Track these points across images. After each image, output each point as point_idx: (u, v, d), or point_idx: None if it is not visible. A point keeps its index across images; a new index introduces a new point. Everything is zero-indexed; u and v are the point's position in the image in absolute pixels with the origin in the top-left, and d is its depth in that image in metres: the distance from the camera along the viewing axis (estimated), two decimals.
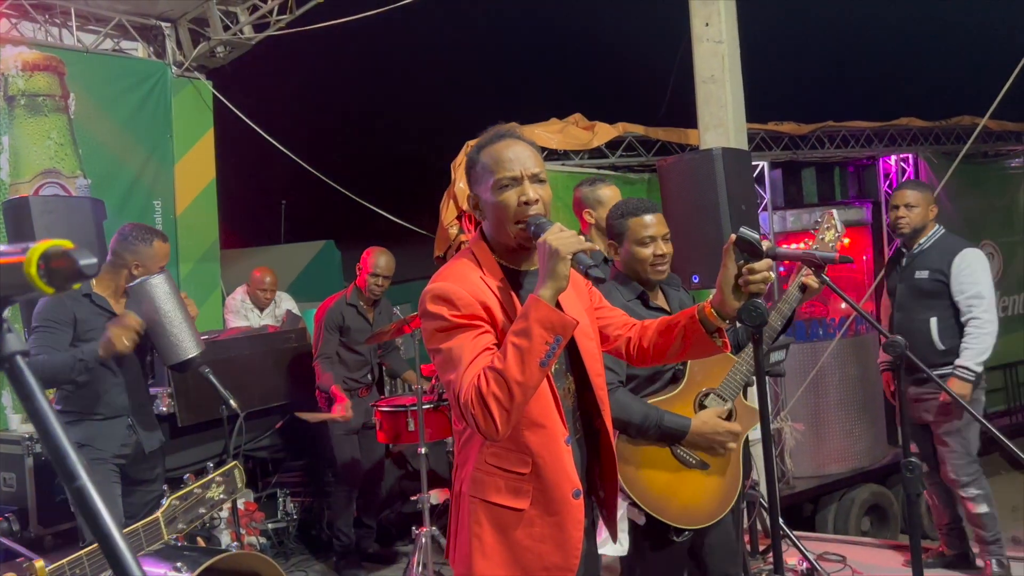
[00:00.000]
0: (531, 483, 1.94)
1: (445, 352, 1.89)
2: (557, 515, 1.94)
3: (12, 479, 4.72)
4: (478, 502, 1.97)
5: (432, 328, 1.93)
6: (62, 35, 6.44)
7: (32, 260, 0.73)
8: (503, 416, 1.79)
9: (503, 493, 1.95)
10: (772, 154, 7.29)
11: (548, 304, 1.82)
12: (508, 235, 1.97)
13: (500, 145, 2.01)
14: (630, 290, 2.88)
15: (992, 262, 8.92)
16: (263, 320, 6.48)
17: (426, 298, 1.94)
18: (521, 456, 1.94)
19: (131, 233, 3.61)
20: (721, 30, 5.41)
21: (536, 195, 1.95)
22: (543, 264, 1.85)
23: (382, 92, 13.62)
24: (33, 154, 6.09)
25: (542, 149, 6.52)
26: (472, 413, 1.80)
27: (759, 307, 1.96)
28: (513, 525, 1.95)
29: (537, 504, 1.94)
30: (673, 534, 2.73)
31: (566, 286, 1.86)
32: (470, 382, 1.82)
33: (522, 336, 1.80)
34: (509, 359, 1.79)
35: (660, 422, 2.72)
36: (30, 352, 3.40)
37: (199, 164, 7.12)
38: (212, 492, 2.18)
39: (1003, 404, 8.87)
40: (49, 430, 0.76)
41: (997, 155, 9.14)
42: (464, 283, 1.93)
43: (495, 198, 1.96)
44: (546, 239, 1.84)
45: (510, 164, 1.96)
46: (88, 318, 3.54)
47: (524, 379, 1.78)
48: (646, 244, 2.83)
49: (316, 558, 5.35)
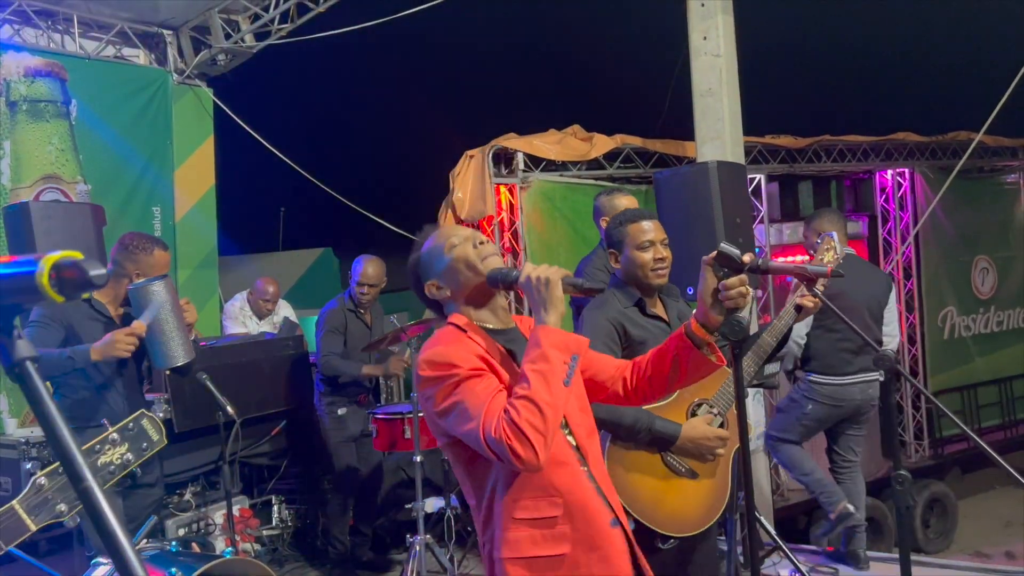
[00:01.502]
0: (566, 524, 1.91)
1: (457, 406, 1.87)
2: (600, 549, 1.92)
3: (8, 483, 4.72)
4: (519, 563, 1.92)
5: (434, 392, 1.91)
6: (64, 41, 6.48)
7: (45, 270, 0.76)
8: (540, 441, 1.77)
9: (540, 545, 1.91)
10: (769, 167, 7.33)
11: (556, 328, 1.85)
12: (480, 280, 2.00)
13: (438, 231, 2.12)
14: (628, 297, 2.91)
15: (987, 277, 8.97)
16: (261, 327, 6.50)
17: (421, 367, 1.93)
18: (551, 499, 1.91)
19: (132, 242, 3.65)
20: (719, 44, 5.46)
21: (484, 238, 2.05)
22: (536, 298, 1.89)
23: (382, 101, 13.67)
24: (34, 159, 6.11)
25: (540, 160, 6.57)
26: (509, 445, 1.76)
27: (740, 322, 1.99)
28: (560, 572, 1.91)
29: (578, 545, 1.91)
30: (659, 541, 2.75)
31: (564, 310, 1.89)
32: (498, 417, 1.80)
33: (540, 361, 1.82)
34: (534, 383, 1.79)
35: (651, 426, 2.74)
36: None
37: (199, 171, 7.15)
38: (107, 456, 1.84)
39: (998, 419, 8.90)
40: (57, 433, 0.79)
41: (993, 170, 9.20)
42: (455, 344, 1.94)
43: (452, 256, 2.02)
44: (529, 275, 1.90)
45: (454, 230, 2.09)
46: (85, 322, 3.57)
47: (553, 399, 1.79)
48: (645, 248, 2.87)
49: (311, 565, 5.35)
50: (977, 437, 2.58)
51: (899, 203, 8.27)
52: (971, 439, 2.54)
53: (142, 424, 1.91)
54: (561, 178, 6.75)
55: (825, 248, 3.08)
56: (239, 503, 5.11)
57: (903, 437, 8.22)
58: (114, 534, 0.73)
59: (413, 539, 4.43)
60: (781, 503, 6.69)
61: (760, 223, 7.09)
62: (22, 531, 1.69)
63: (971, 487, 8.23)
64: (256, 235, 12.71)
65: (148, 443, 1.89)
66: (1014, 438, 8.85)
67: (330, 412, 5.09)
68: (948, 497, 7.56)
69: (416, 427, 4.43)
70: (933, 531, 7.42)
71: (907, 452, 8.20)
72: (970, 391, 8.65)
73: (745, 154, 5.88)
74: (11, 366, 0.80)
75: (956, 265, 8.68)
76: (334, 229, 11.16)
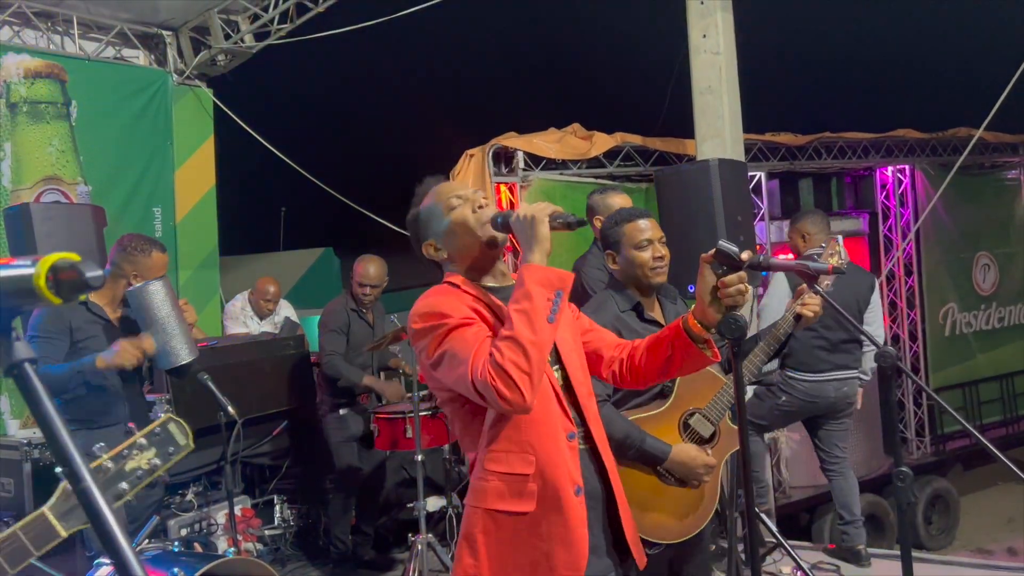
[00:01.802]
0: (535, 482, 1.92)
1: (447, 353, 1.88)
2: (560, 512, 1.92)
3: (10, 484, 4.72)
4: (481, 511, 1.96)
5: (426, 343, 1.92)
6: (64, 43, 6.48)
7: (41, 272, 0.76)
8: (525, 380, 1.77)
9: (506, 499, 1.94)
10: (769, 164, 7.33)
11: (540, 265, 1.85)
12: (478, 243, 2.00)
13: (436, 188, 2.09)
14: (625, 300, 2.88)
15: (988, 273, 8.96)
16: (262, 327, 6.50)
17: (412, 319, 1.94)
18: (524, 456, 1.93)
19: (129, 244, 3.65)
20: (718, 42, 5.46)
21: (486, 200, 2.02)
22: (524, 237, 1.89)
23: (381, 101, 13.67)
24: (35, 161, 6.12)
25: (540, 158, 6.57)
26: (494, 387, 1.77)
27: (737, 320, 1.99)
28: (520, 529, 1.93)
29: (542, 503, 1.92)
30: (645, 547, 2.75)
31: (550, 248, 1.88)
32: (482, 360, 1.80)
33: (524, 300, 1.82)
34: (517, 323, 1.80)
35: (641, 444, 2.72)
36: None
37: (199, 171, 7.16)
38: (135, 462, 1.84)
39: (999, 415, 8.91)
40: (56, 434, 0.79)
41: (993, 166, 9.19)
42: (447, 297, 1.96)
43: (451, 218, 2.01)
44: (518, 214, 1.91)
45: (453, 189, 2.06)
46: (84, 325, 3.57)
47: (536, 337, 1.79)
48: (644, 248, 2.84)
49: (313, 565, 5.35)
50: (978, 433, 2.58)
51: (900, 200, 8.27)
52: (973, 435, 2.54)
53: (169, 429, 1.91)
54: (561, 177, 6.75)
55: (829, 252, 3.06)
56: (241, 503, 5.11)
57: (905, 434, 8.22)
58: (113, 535, 0.73)
59: (415, 538, 4.43)
60: (783, 500, 6.69)
61: (761, 220, 7.08)
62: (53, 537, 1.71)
63: (973, 483, 8.23)
64: (257, 235, 12.72)
65: (175, 447, 1.90)
66: (1015, 434, 8.85)
67: (331, 412, 5.09)
68: (950, 494, 7.56)
69: (417, 426, 4.43)
70: (935, 528, 7.42)
71: (909, 449, 8.20)
72: (972, 387, 8.65)
73: (745, 152, 5.88)
74: (9, 368, 0.80)
75: (957, 261, 8.68)
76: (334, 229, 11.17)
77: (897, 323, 8.32)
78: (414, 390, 4.44)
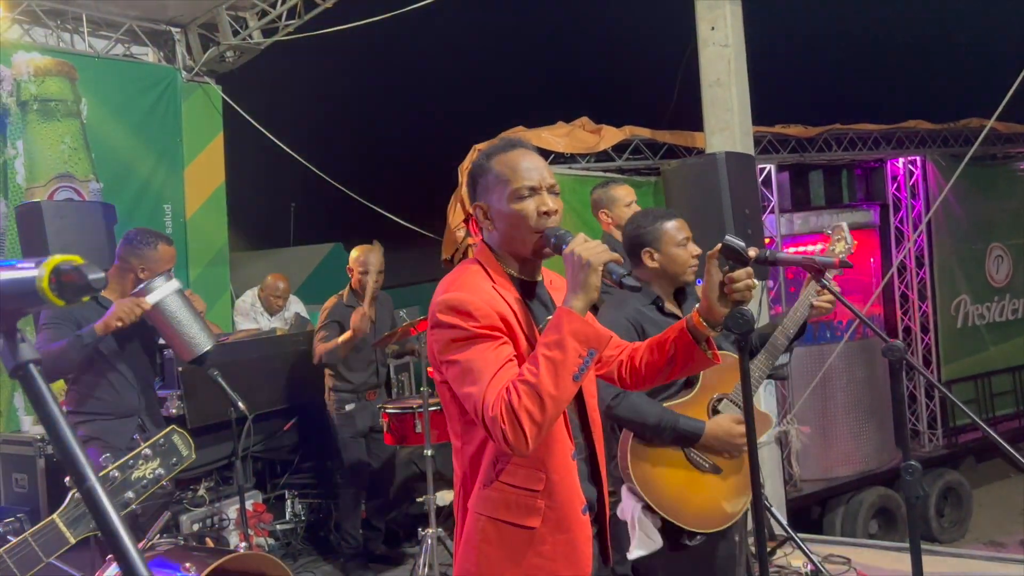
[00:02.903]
0: (543, 500, 1.89)
1: (463, 364, 1.82)
2: (568, 532, 1.91)
3: (24, 480, 4.77)
4: (486, 519, 1.92)
5: (447, 339, 1.85)
6: (74, 40, 6.51)
7: (45, 275, 0.77)
8: (534, 431, 1.73)
9: (513, 511, 1.90)
10: (779, 157, 7.30)
11: (581, 316, 1.77)
12: (524, 245, 1.93)
13: (515, 154, 1.97)
14: (645, 295, 2.91)
15: (1002, 265, 8.90)
16: (272, 323, 6.53)
17: (439, 308, 1.87)
18: (535, 473, 1.89)
19: (136, 238, 3.67)
20: (727, 34, 5.43)
21: (555, 205, 1.92)
22: (573, 276, 1.80)
23: (390, 96, 13.67)
24: (47, 158, 6.15)
25: (549, 152, 6.56)
26: (501, 428, 1.73)
27: (745, 314, 1.99)
28: (524, 544, 1.90)
29: (548, 522, 1.90)
30: (686, 538, 2.76)
31: (596, 298, 1.81)
32: (498, 395, 1.75)
33: (555, 348, 1.75)
34: (542, 372, 1.73)
35: (675, 425, 2.74)
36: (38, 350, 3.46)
37: (209, 168, 7.18)
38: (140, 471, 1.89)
39: (1012, 407, 8.85)
40: (59, 434, 0.80)
41: (1006, 157, 9.12)
42: (478, 293, 1.87)
43: (512, 207, 1.91)
44: (574, 250, 1.80)
45: (528, 173, 1.93)
46: (94, 319, 3.60)
47: (558, 393, 1.73)
48: (684, 245, 2.91)
49: (324, 559, 5.39)
50: (990, 427, 2.57)
51: (911, 191, 8.22)
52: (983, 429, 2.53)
53: (173, 440, 1.99)
54: (570, 170, 6.74)
55: (837, 238, 3.07)
56: (252, 498, 5.14)
57: (917, 426, 8.18)
58: (118, 534, 0.74)
59: (425, 532, 4.45)
60: (794, 494, 6.68)
61: (771, 213, 7.06)
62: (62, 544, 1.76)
63: (985, 476, 8.20)
64: (267, 231, 12.76)
65: (178, 458, 1.99)
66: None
67: (338, 408, 5.10)
68: (962, 486, 7.54)
69: (427, 421, 4.44)
70: (947, 520, 7.40)
71: (920, 441, 8.17)
72: (984, 380, 8.60)
73: (755, 144, 5.86)
74: (15, 369, 0.81)
75: (970, 253, 8.62)
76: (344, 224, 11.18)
77: (909, 315, 8.28)
78: (423, 385, 4.45)
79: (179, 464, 1.97)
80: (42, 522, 1.74)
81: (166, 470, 1.93)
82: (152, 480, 1.91)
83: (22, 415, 5.78)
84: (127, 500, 1.87)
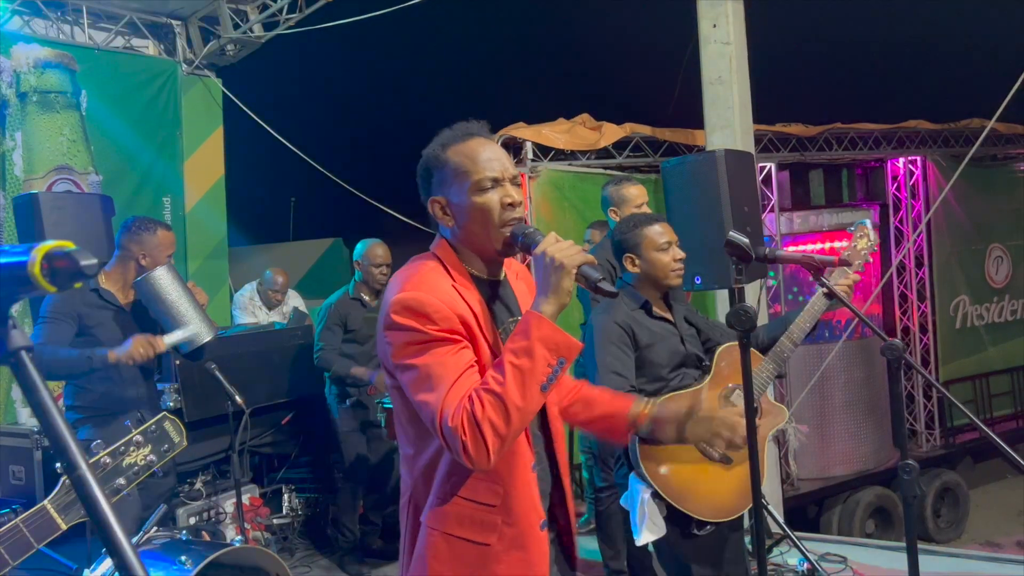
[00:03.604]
0: (499, 515, 1.78)
1: (420, 369, 1.69)
2: (524, 549, 1.80)
3: (21, 472, 4.77)
4: (439, 534, 1.79)
5: (402, 342, 1.72)
6: (74, 32, 6.50)
7: (37, 260, 0.77)
8: (497, 444, 1.62)
9: (467, 527, 1.78)
10: (780, 156, 7.30)
11: (551, 322, 1.66)
12: (489, 241, 1.80)
13: (473, 143, 1.82)
14: (634, 300, 2.94)
15: (1001, 265, 8.90)
16: (271, 317, 6.53)
17: (394, 308, 1.72)
18: (492, 486, 1.78)
19: (135, 224, 3.66)
20: (728, 32, 5.42)
21: (519, 197, 1.81)
22: (543, 278, 1.70)
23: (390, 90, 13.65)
24: (46, 150, 6.14)
25: (549, 149, 6.56)
26: (462, 440, 1.62)
27: (748, 311, 1.98)
28: (477, 562, 1.79)
29: (504, 539, 1.79)
30: (695, 527, 2.76)
31: (568, 302, 1.70)
32: (459, 405, 1.64)
33: (523, 356, 1.64)
34: (509, 381, 1.62)
35: None
36: (35, 343, 3.46)
37: (208, 161, 7.17)
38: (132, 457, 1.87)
39: (1010, 408, 8.87)
40: (51, 422, 0.79)
41: (1006, 158, 9.13)
42: (437, 292, 1.73)
43: (474, 200, 1.78)
44: (546, 251, 1.69)
45: (489, 164, 1.79)
46: (93, 312, 3.59)
47: (524, 404, 1.63)
48: (665, 250, 2.91)
49: (321, 554, 5.38)
50: (988, 428, 2.56)
51: (911, 191, 8.22)
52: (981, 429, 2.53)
53: (164, 427, 1.97)
54: (570, 167, 6.74)
55: (859, 235, 3.05)
56: (249, 492, 5.14)
57: (914, 426, 8.19)
58: (108, 522, 0.74)
59: None
60: (791, 492, 6.69)
61: (771, 212, 7.06)
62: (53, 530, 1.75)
63: (983, 476, 8.20)
64: (266, 225, 12.74)
65: (170, 445, 1.97)
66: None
67: (339, 402, 5.10)
68: (959, 486, 7.54)
69: None
70: (944, 521, 7.41)
71: (918, 441, 8.18)
72: (982, 380, 8.61)
73: (755, 142, 5.85)
74: (6, 355, 0.80)
75: (969, 254, 8.62)
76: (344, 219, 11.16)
77: (908, 315, 8.29)
78: None
79: (171, 451, 1.95)
80: (33, 508, 1.74)
81: (157, 457, 1.91)
82: (144, 467, 1.90)
83: (19, 407, 5.78)
84: (118, 487, 1.87)
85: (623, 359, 2.81)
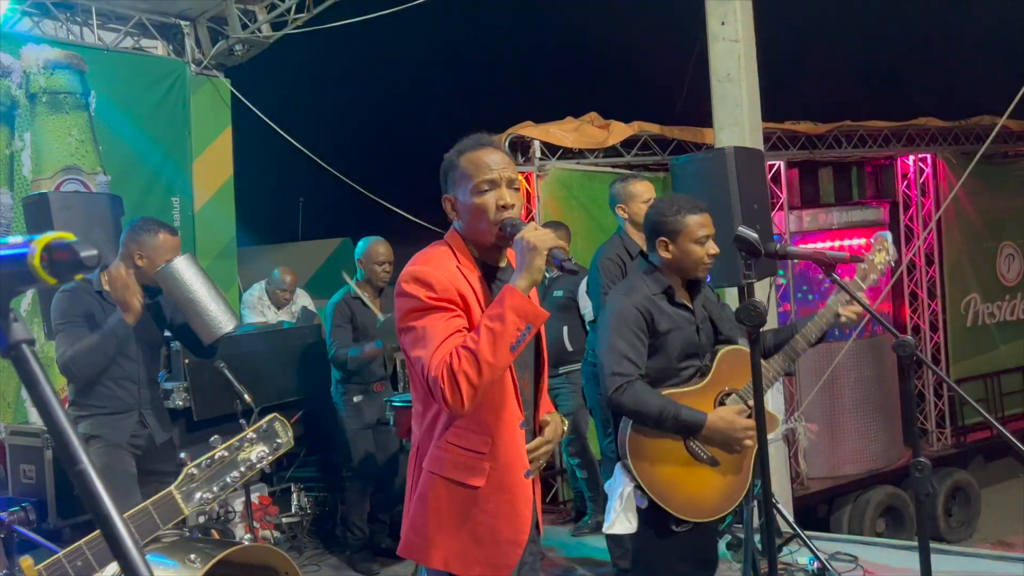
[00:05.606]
0: (488, 462, 2.09)
1: (417, 330, 2.03)
2: (510, 492, 2.12)
3: (32, 471, 4.78)
4: (437, 478, 2.11)
5: (406, 308, 2.06)
6: (83, 33, 6.52)
7: (36, 252, 0.76)
8: (470, 393, 1.93)
9: (460, 470, 2.09)
10: (789, 153, 7.27)
11: (523, 294, 1.97)
12: (485, 235, 2.12)
13: (480, 152, 2.14)
14: (656, 283, 2.86)
15: (1013, 263, 8.85)
16: (279, 317, 6.54)
17: (404, 279, 2.07)
18: (482, 436, 2.09)
19: (138, 225, 3.63)
20: (737, 29, 5.40)
21: (512, 200, 2.10)
22: (520, 258, 2.01)
23: (399, 90, 13.66)
24: (55, 151, 6.16)
25: (557, 147, 6.55)
26: (441, 387, 1.93)
27: (757, 306, 1.97)
28: (469, 502, 2.10)
29: (492, 482, 2.10)
30: (673, 524, 2.75)
31: (540, 278, 2.03)
32: (441, 359, 1.95)
33: (496, 320, 1.95)
34: (482, 340, 1.94)
35: (677, 415, 2.70)
36: (61, 352, 3.48)
37: (217, 161, 7.18)
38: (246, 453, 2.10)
39: (1021, 407, 8.81)
40: (53, 416, 0.79)
41: (1017, 155, 9.07)
42: (442, 269, 2.07)
43: (474, 201, 2.10)
44: (523, 235, 2.00)
45: (489, 169, 2.10)
46: (99, 314, 3.58)
47: (494, 360, 1.93)
48: (702, 243, 2.83)
49: (329, 552, 5.38)
50: (1001, 425, 2.54)
51: (921, 189, 8.18)
52: (994, 427, 2.51)
53: (275, 426, 2.18)
54: (578, 166, 6.73)
55: (878, 248, 2.98)
56: (258, 491, 5.15)
57: (926, 425, 8.14)
58: (109, 517, 0.73)
59: None
60: (801, 492, 6.66)
61: (780, 210, 7.03)
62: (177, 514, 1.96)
63: (994, 475, 8.16)
64: (275, 225, 12.75)
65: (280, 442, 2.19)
66: None
67: (346, 400, 5.10)
68: (971, 486, 7.50)
69: None
70: (955, 520, 7.37)
71: (929, 440, 8.13)
72: (994, 379, 8.56)
73: (764, 140, 5.82)
74: (7, 348, 0.80)
75: (980, 251, 8.57)
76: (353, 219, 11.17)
77: (918, 313, 8.24)
78: None
79: (280, 448, 2.15)
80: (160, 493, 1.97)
81: (270, 451, 2.12)
82: (257, 460, 2.11)
83: (29, 407, 5.80)
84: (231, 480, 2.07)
85: (636, 345, 2.76)
